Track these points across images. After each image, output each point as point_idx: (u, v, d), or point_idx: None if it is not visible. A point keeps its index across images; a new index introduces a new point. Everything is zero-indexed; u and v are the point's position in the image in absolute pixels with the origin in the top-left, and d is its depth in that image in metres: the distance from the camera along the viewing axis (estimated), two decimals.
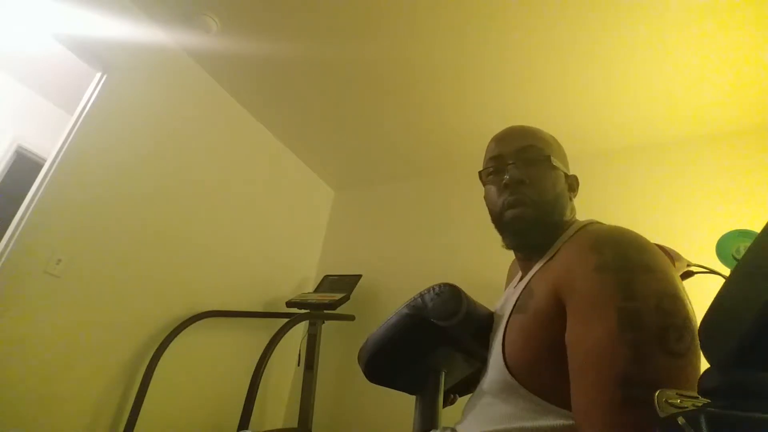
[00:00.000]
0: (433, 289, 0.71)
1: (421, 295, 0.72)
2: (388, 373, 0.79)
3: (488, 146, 0.78)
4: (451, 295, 0.69)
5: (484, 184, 0.77)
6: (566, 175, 0.73)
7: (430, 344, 0.74)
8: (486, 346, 0.68)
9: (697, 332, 0.43)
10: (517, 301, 0.64)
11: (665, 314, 0.43)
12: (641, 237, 0.53)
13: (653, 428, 0.38)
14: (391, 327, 0.74)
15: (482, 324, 0.70)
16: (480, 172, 0.77)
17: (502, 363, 0.59)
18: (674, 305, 0.44)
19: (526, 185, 0.67)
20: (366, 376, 0.78)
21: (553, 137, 0.77)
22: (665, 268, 0.48)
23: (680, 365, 0.41)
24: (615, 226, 0.58)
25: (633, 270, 0.47)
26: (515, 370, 0.56)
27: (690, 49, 1.62)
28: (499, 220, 0.71)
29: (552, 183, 0.68)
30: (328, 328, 2.27)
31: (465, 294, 0.71)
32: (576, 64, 1.78)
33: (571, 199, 0.73)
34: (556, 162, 0.70)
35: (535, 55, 1.78)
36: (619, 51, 1.68)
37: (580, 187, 0.76)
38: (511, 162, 0.70)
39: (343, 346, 2.45)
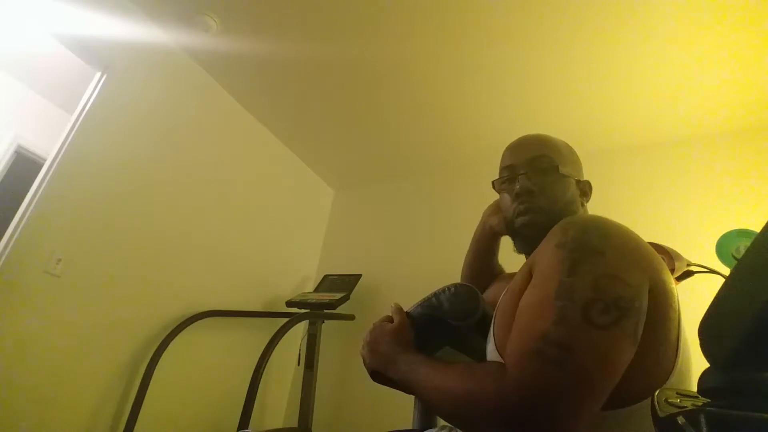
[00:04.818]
0: (449, 289, 0.71)
1: (436, 295, 0.72)
2: None
3: (502, 155, 0.81)
4: (468, 295, 0.69)
5: (498, 192, 0.80)
6: (578, 182, 0.75)
7: (437, 344, 0.74)
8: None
9: (631, 312, 0.46)
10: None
11: (597, 291, 0.46)
12: (612, 226, 0.55)
13: (553, 380, 0.41)
14: None
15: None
16: (494, 182, 0.81)
17: (493, 346, 0.60)
18: (609, 284, 0.47)
19: (536, 194, 0.70)
20: (371, 376, 0.78)
21: (566, 144, 0.79)
22: (617, 254, 0.50)
23: (598, 336, 0.44)
24: (596, 215, 0.60)
25: (584, 251, 0.51)
26: (503, 351, 0.57)
27: (690, 49, 1.62)
28: (510, 226, 0.75)
29: (562, 191, 0.71)
30: (328, 327, 2.27)
31: (480, 294, 0.71)
32: (576, 64, 1.78)
33: (583, 205, 0.75)
34: (565, 170, 0.72)
35: (535, 55, 1.78)
36: (619, 51, 1.68)
37: None
38: (522, 172, 0.73)
39: (343, 345, 2.45)
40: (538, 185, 0.71)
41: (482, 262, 1.01)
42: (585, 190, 0.77)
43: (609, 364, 0.43)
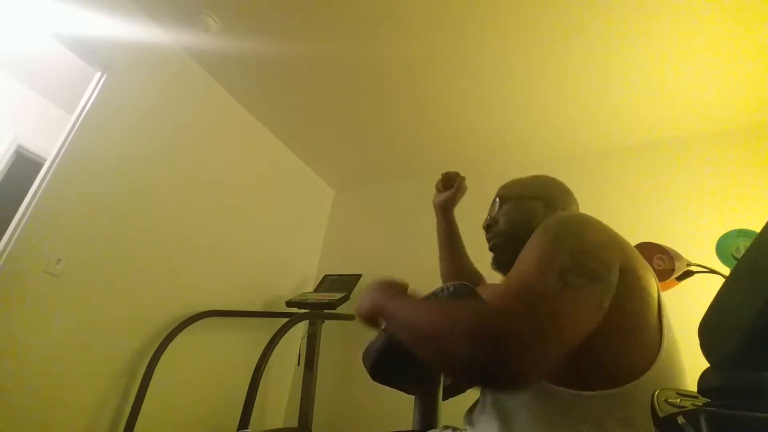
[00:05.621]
0: (448, 288, 0.71)
1: (435, 294, 0.72)
2: (393, 372, 0.79)
3: None
4: (467, 293, 0.69)
5: None
6: (548, 200, 0.85)
7: None
8: None
9: (599, 280, 0.53)
10: None
11: (573, 261, 0.54)
12: (590, 220, 0.62)
13: (526, 317, 0.48)
14: None
15: None
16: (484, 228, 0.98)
17: None
18: (584, 257, 0.55)
19: (496, 223, 0.88)
20: (371, 376, 0.78)
21: (535, 176, 0.92)
22: (593, 237, 0.59)
23: (569, 293, 0.51)
24: (576, 213, 0.66)
25: (564, 233, 0.59)
26: None
27: (689, 48, 1.62)
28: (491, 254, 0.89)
29: (521, 212, 0.85)
30: (328, 327, 2.27)
31: (478, 292, 0.71)
32: (576, 65, 1.78)
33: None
34: (524, 193, 0.87)
35: (535, 56, 1.78)
36: (619, 52, 1.68)
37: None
38: (489, 213, 0.91)
39: (343, 345, 2.45)
40: (499, 215, 0.88)
41: (445, 242, 1.17)
42: (553, 204, 0.85)
43: (574, 315, 0.50)
